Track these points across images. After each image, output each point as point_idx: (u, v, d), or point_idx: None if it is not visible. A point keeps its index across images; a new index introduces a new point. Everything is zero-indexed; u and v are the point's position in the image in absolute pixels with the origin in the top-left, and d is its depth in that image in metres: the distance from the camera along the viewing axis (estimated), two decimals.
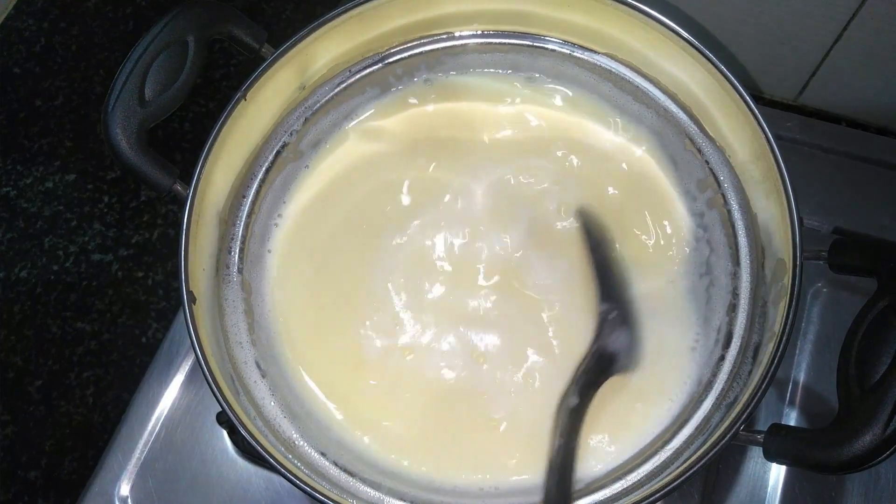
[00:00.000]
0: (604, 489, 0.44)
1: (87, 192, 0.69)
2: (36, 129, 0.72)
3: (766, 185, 0.45)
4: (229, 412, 0.42)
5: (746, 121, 0.45)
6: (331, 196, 0.54)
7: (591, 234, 0.50)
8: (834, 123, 0.65)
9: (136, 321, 0.64)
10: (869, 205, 0.60)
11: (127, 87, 0.44)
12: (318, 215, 0.53)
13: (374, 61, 0.53)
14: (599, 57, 0.51)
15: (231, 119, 0.47)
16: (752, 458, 0.53)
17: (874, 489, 0.53)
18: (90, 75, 0.74)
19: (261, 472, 0.56)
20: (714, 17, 0.60)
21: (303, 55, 0.50)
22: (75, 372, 0.63)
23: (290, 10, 0.75)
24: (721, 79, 0.46)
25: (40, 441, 0.61)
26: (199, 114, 0.71)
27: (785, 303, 0.42)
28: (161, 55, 0.44)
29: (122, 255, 0.67)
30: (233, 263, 0.50)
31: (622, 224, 0.51)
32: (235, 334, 0.49)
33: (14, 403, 0.62)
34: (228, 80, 0.72)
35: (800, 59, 0.62)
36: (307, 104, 0.53)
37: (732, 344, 0.46)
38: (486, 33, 0.53)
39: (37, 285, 0.66)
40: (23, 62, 0.76)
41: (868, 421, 0.37)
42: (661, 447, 0.45)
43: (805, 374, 0.55)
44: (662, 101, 0.50)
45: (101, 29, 0.76)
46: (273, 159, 0.52)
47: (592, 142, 0.53)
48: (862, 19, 0.55)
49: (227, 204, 0.50)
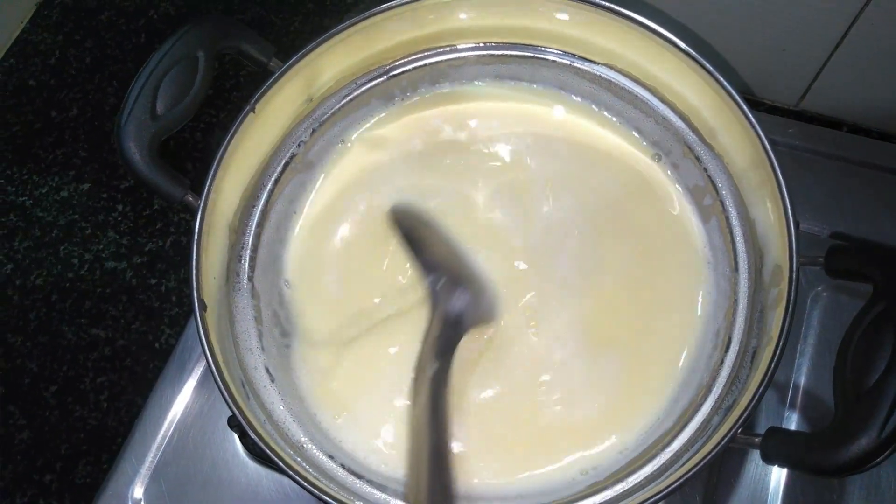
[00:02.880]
0: (605, 490, 0.45)
1: (101, 202, 0.71)
2: (51, 140, 0.74)
3: (764, 192, 0.46)
4: (239, 416, 0.43)
5: (743, 128, 0.46)
6: (339, 205, 0.55)
7: (401, 224, 0.51)
8: (835, 129, 0.65)
9: (150, 327, 0.65)
10: (870, 210, 0.60)
11: (139, 102, 0.45)
12: (326, 224, 0.54)
13: (379, 74, 0.54)
14: (599, 67, 0.52)
15: (240, 131, 0.49)
16: (754, 461, 0.54)
17: (875, 492, 0.53)
18: (104, 87, 0.76)
19: (271, 474, 0.57)
20: (714, 26, 0.61)
21: (310, 69, 0.51)
22: (90, 377, 0.64)
23: (299, 23, 0.76)
24: (718, 87, 0.46)
25: (55, 445, 0.62)
26: (210, 124, 0.72)
27: (782, 308, 0.42)
28: (172, 70, 0.46)
29: (136, 262, 0.68)
30: (243, 271, 0.52)
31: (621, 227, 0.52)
32: (245, 340, 0.50)
33: (30, 408, 0.64)
34: (238, 90, 0.73)
35: (800, 65, 0.62)
36: (314, 116, 0.54)
37: (731, 348, 0.47)
38: (488, 45, 0.54)
39: (52, 292, 0.68)
40: (38, 74, 0.77)
41: (864, 424, 0.37)
42: (662, 450, 0.46)
43: (805, 377, 0.55)
44: (661, 109, 0.51)
45: (115, 41, 0.78)
46: (282, 170, 0.53)
47: (592, 149, 0.54)
48: (862, 25, 0.56)
49: (237, 213, 0.51)
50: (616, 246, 0.52)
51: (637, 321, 0.50)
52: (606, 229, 0.53)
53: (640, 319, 0.50)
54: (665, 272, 0.51)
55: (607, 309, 0.51)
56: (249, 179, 0.52)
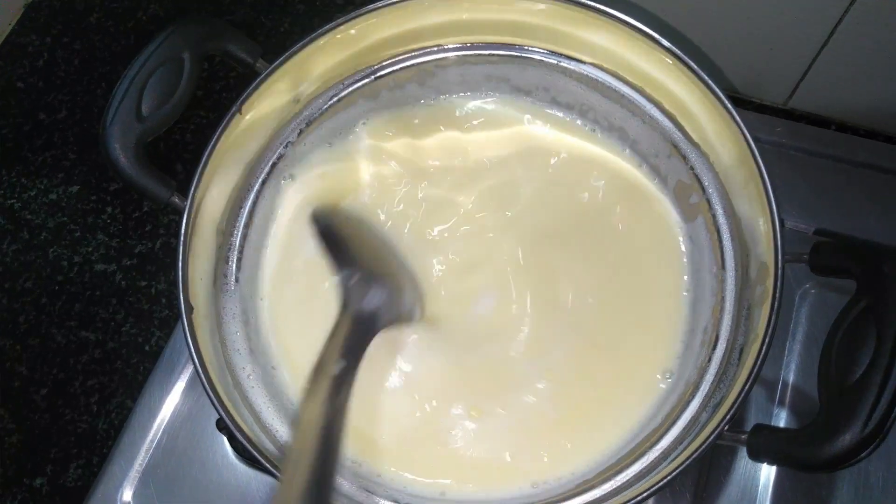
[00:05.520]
0: (594, 489, 0.45)
1: (90, 204, 0.71)
2: (40, 143, 0.74)
3: (749, 190, 0.46)
4: (226, 418, 0.43)
5: (728, 126, 0.46)
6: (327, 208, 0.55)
7: (318, 223, 0.49)
8: (823, 128, 0.66)
9: (140, 330, 0.65)
10: (856, 207, 0.60)
11: (124, 104, 0.45)
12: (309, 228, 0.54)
13: (366, 74, 0.54)
14: (586, 67, 0.52)
15: (227, 132, 0.49)
16: (743, 458, 0.54)
17: (864, 487, 0.53)
18: (93, 89, 0.76)
19: (260, 476, 0.57)
20: (701, 25, 0.61)
21: (296, 69, 0.51)
22: (80, 380, 0.64)
23: (288, 24, 0.76)
24: (702, 86, 0.47)
25: (45, 449, 0.62)
26: (200, 125, 0.72)
27: (768, 305, 0.43)
28: (157, 71, 0.46)
29: (126, 264, 0.68)
30: (230, 273, 0.52)
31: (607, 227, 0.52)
32: (233, 342, 0.50)
33: (20, 412, 0.63)
34: (228, 91, 0.73)
35: (788, 64, 0.63)
36: (302, 117, 0.54)
37: (718, 346, 0.47)
38: (475, 45, 0.54)
39: (41, 295, 0.67)
40: (26, 76, 0.77)
41: (848, 419, 0.38)
42: (650, 447, 0.46)
43: (794, 374, 0.56)
44: (648, 108, 0.51)
45: (103, 43, 0.78)
46: (269, 171, 0.54)
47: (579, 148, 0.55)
48: (849, 24, 0.56)
49: (224, 215, 0.51)
50: (598, 246, 0.52)
51: (621, 320, 0.51)
52: (589, 232, 0.53)
53: (624, 318, 0.51)
54: (650, 271, 0.52)
55: (592, 310, 0.51)
56: (236, 181, 0.52)
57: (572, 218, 0.53)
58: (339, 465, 0.37)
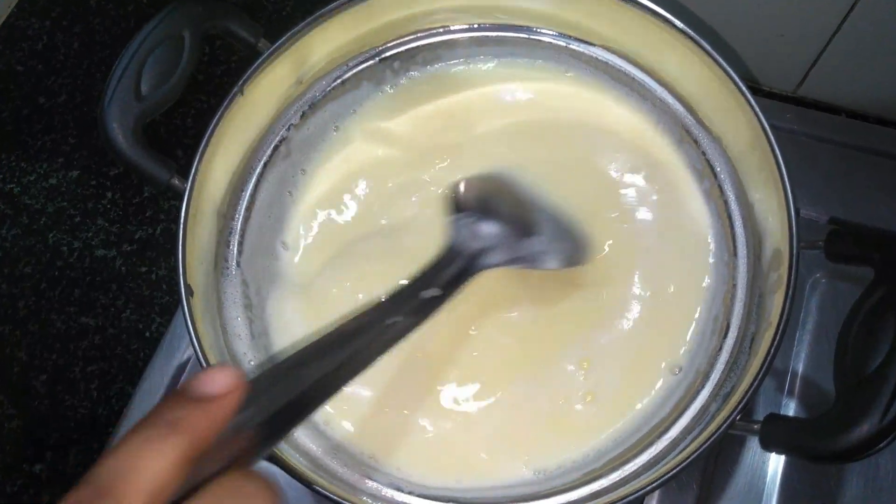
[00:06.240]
0: (601, 479, 0.45)
1: (90, 189, 0.70)
2: (39, 127, 0.73)
3: (763, 175, 0.45)
4: None
5: (742, 110, 0.45)
6: (331, 193, 0.54)
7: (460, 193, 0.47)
8: (833, 114, 0.65)
9: (140, 315, 0.65)
10: (867, 194, 0.59)
11: (123, 83, 0.44)
12: (318, 212, 0.54)
13: (370, 56, 0.53)
14: (595, 49, 0.51)
15: (228, 114, 0.48)
16: (751, 449, 0.53)
17: (874, 479, 0.52)
18: (93, 72, 0.75)
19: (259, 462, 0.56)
20: (712, 10, 0.60)
21: (299, 50, 0.50)
22: (80, 366, 0.64)
23: (291, 7, 0.75)
24: (716, 68, 0.46)
25: (45, 435, 0.62)
26: (201, 110, 0.71)
27: (781, 293, 0.42)
28: (157, 50, 0.45)
29: (126, 250, 0.67)
30: (231, 257, 0.51)
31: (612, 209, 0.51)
32: (234, 327, 0.49)
33: (19, 398, 0.63)
34: (230, 76, 0.72)
35: (799, 50, 0.62)
36: (304, 99, 0.53)
37: (729, 334, 0.46)
38: (482, 26, 0.53)
39: (41, 281, 0.67)
40: (26, 60, 0.76)
41: (866, 410, 0.37)
42: (659, 437, 0.45)
43: (804, 364, 0.55)
44: (659, 92, 0.50)
45: (103, 27, 0.77)
46: (271, 154, 0.53)
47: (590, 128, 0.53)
48: (861, 10, 0.55)
49: (225, 198, 0.50)
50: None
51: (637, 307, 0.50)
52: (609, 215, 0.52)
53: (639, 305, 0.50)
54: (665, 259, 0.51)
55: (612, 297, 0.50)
56: (238, 163, 0.51)
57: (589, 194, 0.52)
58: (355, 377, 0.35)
